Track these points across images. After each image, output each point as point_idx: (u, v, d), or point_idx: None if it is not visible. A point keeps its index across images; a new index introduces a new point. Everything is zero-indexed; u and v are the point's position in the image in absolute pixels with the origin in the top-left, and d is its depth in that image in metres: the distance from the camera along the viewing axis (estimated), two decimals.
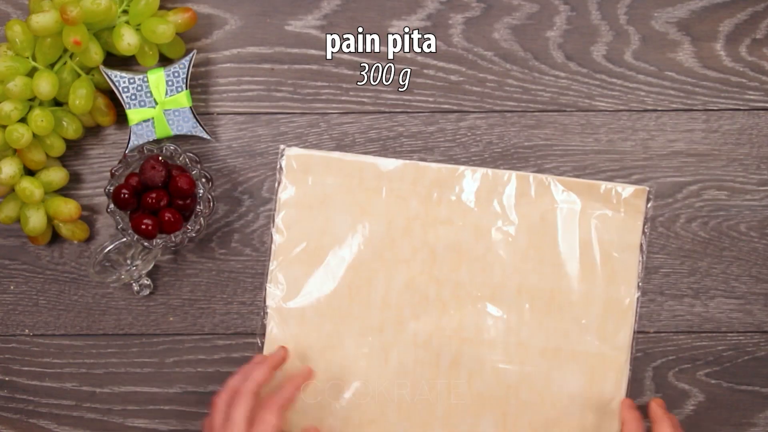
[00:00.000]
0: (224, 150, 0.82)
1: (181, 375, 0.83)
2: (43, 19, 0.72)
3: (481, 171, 0.81)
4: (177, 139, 0.81)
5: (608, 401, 0.80)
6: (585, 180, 0.81)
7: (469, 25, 0.82)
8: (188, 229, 0.77)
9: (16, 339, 0.83)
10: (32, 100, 0.76)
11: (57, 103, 0.79)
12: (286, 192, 0.81)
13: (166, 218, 0.76)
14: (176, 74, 0.78)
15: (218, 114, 0.82)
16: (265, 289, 0.81)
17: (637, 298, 0.81)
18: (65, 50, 0.76)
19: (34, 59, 0.76)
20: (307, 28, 0.82)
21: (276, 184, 0.82)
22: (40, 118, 0.75)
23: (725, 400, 0.83)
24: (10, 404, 0.83)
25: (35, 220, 0.78)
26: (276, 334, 0.81)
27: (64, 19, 0.71)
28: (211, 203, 0.79)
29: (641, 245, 0.81)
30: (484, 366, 0.80)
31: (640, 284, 0.81)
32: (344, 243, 0.81)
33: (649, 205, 0.81)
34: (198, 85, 0.82)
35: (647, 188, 0.81)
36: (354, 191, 0.81)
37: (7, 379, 0.83)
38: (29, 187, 0.76)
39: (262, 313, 0.82)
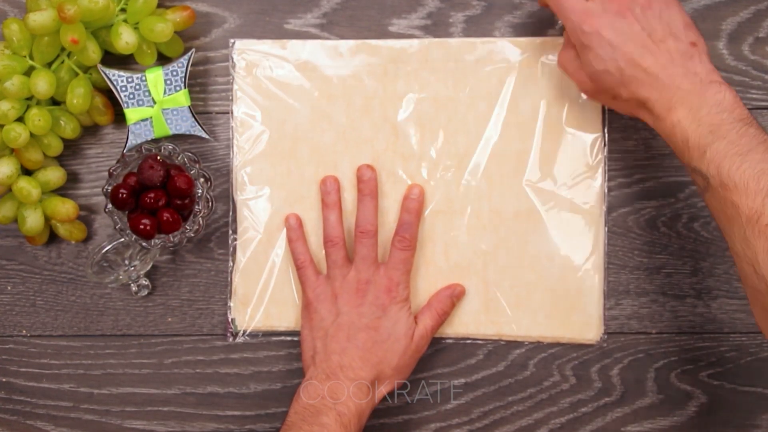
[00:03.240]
0: (223, 149, 0.82)
1: (180, 376, 0.82)
2: (41, 18, 0.72)
3: (432, 41, 0.80)
4: (175, 138, 0.81)
5: (587, 258, 0.80)
6: (537, 38, 0.80)
7: (470, 23, 0.81)
8: (187, 229, 0.77)
9: (13, 340, 0.83)
10: (30, 99, 0.76)
11: (54, 102, 0.78)
12: (240, 87, 0.80)
13: (165, 218, 0.76)
14: (175, 73, 0.78)
15: (217, 113, 0.82)
16: (232, 186, 0.81)
17: (604, 145, 0.80)
18: (63, 49, 0.76)
19: (31, 58, 0.75)
20: (307, 27, 0.81)
21: (230, 81, 0.81)
22: (38, 118, 0.74)
23: (728, 402, 0.82)
24: (8, 406, 0.82)
25: (32, 220, 0.77)
26: (246, 227, 0.81)
27: (61, 17, 0.71)
28: (210, 203, 0.78)
29: None
30: (458, 236, 0.80)
31: (605, 138, 0.80)
32: (305, 129, 0.80)
33: None
34: (197, 84, 0.81)
35: None
36: (309, 77, 0.80)
37: (4, 380, 0.83)
38: (26, 186, 0.76)
39: (230, 214, 0.81)
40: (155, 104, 0.78)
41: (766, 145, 0.64)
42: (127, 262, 0.80)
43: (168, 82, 0.78)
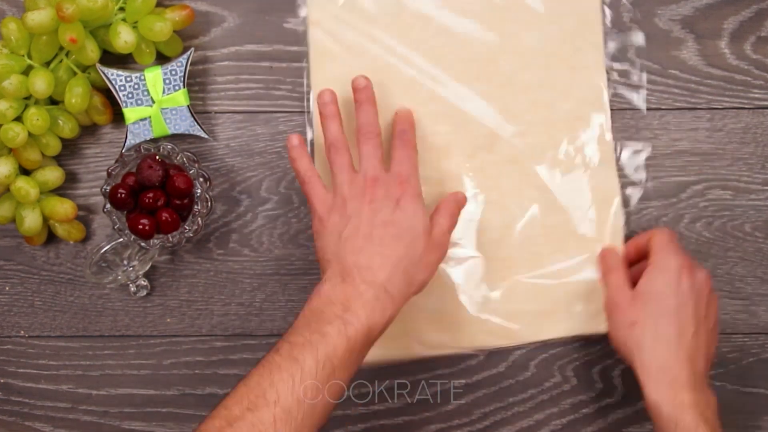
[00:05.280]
0: (222, 149, 0.81)
1: (179, 377, 0.82)
2: (39, 17, 0.72)
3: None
4: (174, 138, 0.80)
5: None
6: None
7: None
8: (186, 229, 0.77)
9: (11, 340, 0.82)
10: (28, 98, 0.76)
11: (53, 101, 0.78)
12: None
13: (164, 218, 0.76)
14: (174, 72, 0.77)
15: (216, 113, 0.81)
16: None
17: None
18: (61, 48, 0.75)
19: (29, 57, 0.75)
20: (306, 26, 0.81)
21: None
22: (36, 117, 0.74)
23: (730, 403, 0.82)
24: (6, 407, 0.82)
25: (31, 220, 0.77)
26: None
27: (60, 16, 0.70)
28: (209, 203, 0.78)
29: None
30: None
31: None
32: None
33: None
34: (196, 83, 0.81)
35: None
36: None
37: (2, 381, 0.82)
38: (25, 186, 0.76)
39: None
40: (154, 104, 0.77)
41: None
42: (125, 262, 0.80)
43: (167, 81, 0.77)
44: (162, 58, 0.79)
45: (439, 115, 0.79)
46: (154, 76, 0.77)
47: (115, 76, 0.77)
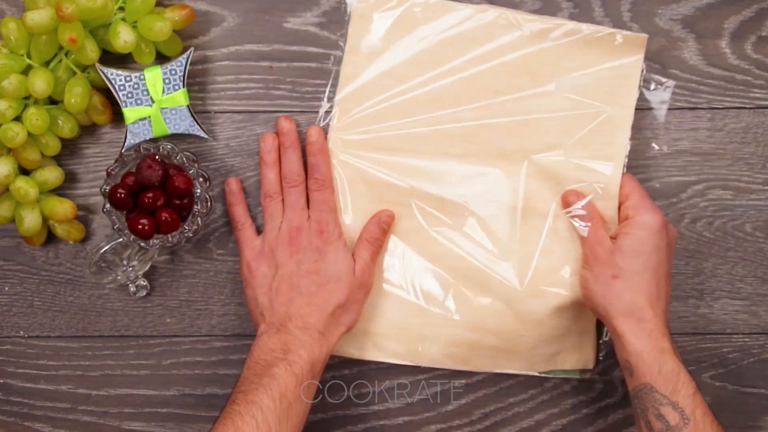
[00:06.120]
0: (222, 149, 0.81)
1: (179, 377, 0.82)
2: (38, 16, 0.72)
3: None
4: (174, 138, 0.80)
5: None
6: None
7: None
8: (185, 229, 0.76)
9: (10, 341, 0.82)
10: (27, 98, 0.75)
11: (52, 101, 0.78)
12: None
13: (163, 218, 0.75)
14: (173, 72, 0.77)
15: (216, 112, 0.81)
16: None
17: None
18: (61, 48, 0.75)
19: (29, 57, 0.75)
20: (306, 25, 0.81)
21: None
22: (35, 117, 0.74)
23: (731, 403, 0.82)
24: (5, 407, 0.82)
25: (30, 220, 0.77)
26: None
27: (59, 16, 0.70)
28: (209, 203, 0.78)
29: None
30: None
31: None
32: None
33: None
34: (195, 83, 0.81)
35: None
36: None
37: (1, 381, 0.82)
38: (24, 186, 0.75)
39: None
40: (154, 103, 0.77)
41: None
42: (125, 262, 0.80)
43: (166, 81, 0.77)
44: (162, 58, 0.79)
45: (453, 131, 0.79)
46: (153, 76, 0.77)
47: (114, 76, 0.77)
